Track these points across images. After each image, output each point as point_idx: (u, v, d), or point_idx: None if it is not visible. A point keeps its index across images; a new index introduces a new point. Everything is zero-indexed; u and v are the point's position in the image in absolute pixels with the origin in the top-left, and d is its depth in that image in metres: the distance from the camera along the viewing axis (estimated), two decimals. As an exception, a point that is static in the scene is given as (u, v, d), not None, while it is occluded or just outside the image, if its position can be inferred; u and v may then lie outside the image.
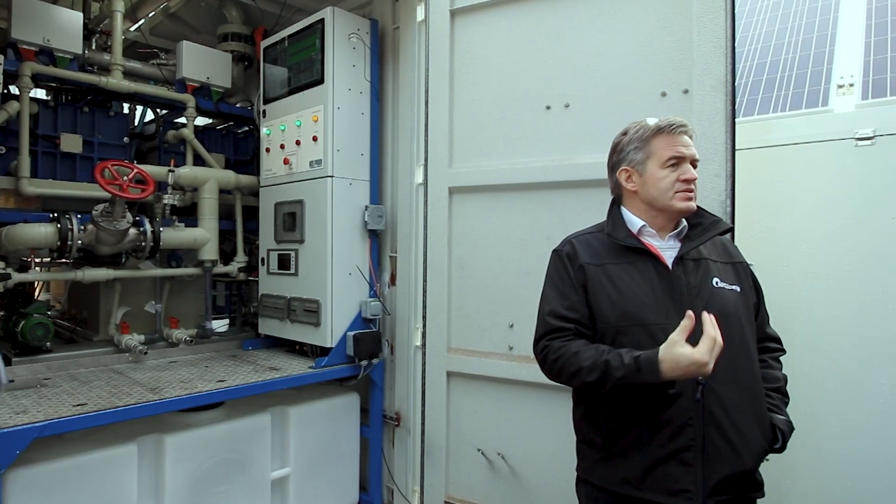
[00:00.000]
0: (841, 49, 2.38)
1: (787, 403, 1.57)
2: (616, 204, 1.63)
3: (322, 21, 2.85)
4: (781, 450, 1.49)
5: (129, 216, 2.68)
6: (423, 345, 2.61)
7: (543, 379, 2.28)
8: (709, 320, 1.30)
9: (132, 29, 3.77)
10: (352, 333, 2.85)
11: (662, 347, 1.32)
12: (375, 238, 3.05)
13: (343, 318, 2.86)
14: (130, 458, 2.23)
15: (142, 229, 2.76)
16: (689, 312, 1.30)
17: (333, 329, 2.82)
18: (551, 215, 2.27)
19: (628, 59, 2.13)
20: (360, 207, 2.95)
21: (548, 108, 2.31)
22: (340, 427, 2.96)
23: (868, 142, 2.04)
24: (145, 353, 2.84)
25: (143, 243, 2.76)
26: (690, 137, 1.53)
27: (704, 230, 1.51)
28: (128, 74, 3.12)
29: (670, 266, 1.48)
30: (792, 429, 1.52)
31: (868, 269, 2.07)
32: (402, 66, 3.04)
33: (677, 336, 1.30)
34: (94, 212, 2.60)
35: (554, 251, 1.65)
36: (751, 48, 2.65)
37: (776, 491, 2.19)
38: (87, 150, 2.98)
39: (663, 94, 2.06)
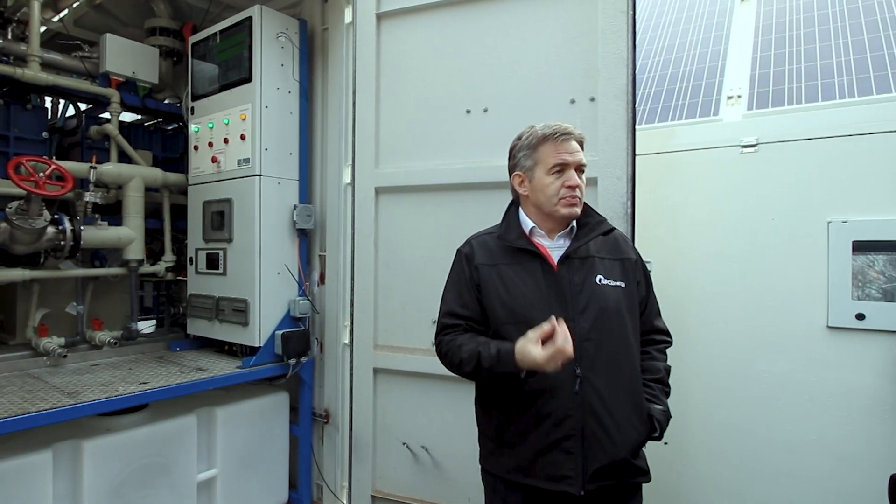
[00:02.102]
0: (731, 64, 2.58)
1: (667, 393, 1.63)
2: (514, 205, 1.70)
3: (250, 19, 2.83)
4: (659, 438, 1.57)
5: (46, 214, 2.59)
6: (351, 342, 2.65)
7: (463, 373, 2.35)
8: (562, 333, 1.35)
9: (55, 19, 3.61)
10: (280, 332, 2.85)
11: (518, 342, 1.41)
12: (305, 237, 3.06)
13: (271, 318, 2.86)
14: (45, 465, 2.17)
15: (61, 228, 2.67)
16: (553, 318, 1.38)
17: (262, 328, 2.81)
18: (471, 215, 2.33)
19: (541, 68, 2.23)
20: (288, 207, 2.95)
21: (468, 111, 2.39)
22: (269, 426, 2.95)
23: (752, 149, 2.22)
24: (64, 356, 2.75)
25: (62, 242, 2.67)
26: (580, 144, 1.60)
27: (590, 230, 1.60)
28: (47, 66, 3.00)
29: (556, 265, 1.56)
30: (668, 417, 1.58)
31: (751, 266, 2.26)
32: (331, 66, 3.06)
33: (532, 334, 1.39)
34: (7, 209, 2.50)
35: (457, 250, 1.73)
36: (654, 60, 2.82)
37: (672, 471, 2.36)
38: (2, 144, 2.86)
39: (572, 101, 2.17)
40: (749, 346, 2.24)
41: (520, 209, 1.67)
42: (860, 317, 2.05)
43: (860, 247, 2.04)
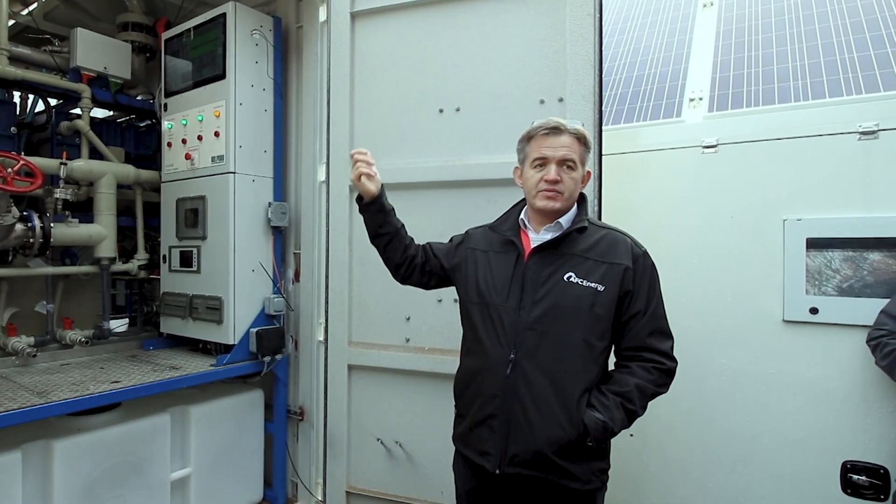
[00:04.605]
0: (693, 67, 2.66)
1: (629, 411, 1.52)
2: (524, 199, 1.75)
3: (224, 15, 2.82)
4: (594, 447, 1.51)
5: (14, 211, 2.56)
6: (326, 339, 2.66)
7: (437, 368, 2.41)
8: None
9: (24, 13, 3.55)
10: (255, 330, 2.85)
11: None
12: (279, 235, 3.06)
13: (246, 315, 2.86)
14: (14, 466, 2.14)
15: (30, 225, 2.64)
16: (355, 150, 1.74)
17: (236, 326, 2.81)
18: (444, 212, 2.39)
19: (512, 68, 2.28)
20: (263, 204, 2.95)
21: (441, 111, 2.42)
22: (244, 424, 2.95)
23: (712, 149, 2.31)
24: (34, 355, 2.71)
25: (31, 240, 2.64)
26: (579, 138, 1.59)
27: (571, 227, 1.61)
28: (15, 60, 2.95)
29: (526, 256, 1.63)
30: (607, 430, 1.48)
31: (711, 262, 2.34)
32: (306, 64, 3.07)
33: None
34: (-26, 206, 2.46)
35: None
36: (621, 62, 2.90)
37: (638, 460, 2.44)
38: (-33, 140, 2.81)
39: (542, 102, 2.22)
40: (709, 340, 2.32)
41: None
42: (814, 311, 2.14)
43: (814, 244, 2.13)
